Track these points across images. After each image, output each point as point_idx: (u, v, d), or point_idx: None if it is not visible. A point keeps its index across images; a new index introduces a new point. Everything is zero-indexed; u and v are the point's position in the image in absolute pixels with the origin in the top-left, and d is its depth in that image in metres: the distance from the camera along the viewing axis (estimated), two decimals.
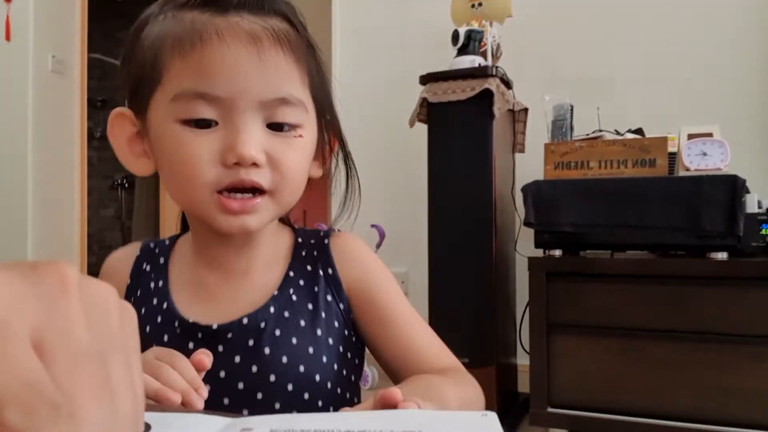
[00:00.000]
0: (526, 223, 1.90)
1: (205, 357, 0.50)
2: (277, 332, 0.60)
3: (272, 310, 0.62)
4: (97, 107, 5.47)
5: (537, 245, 1.93)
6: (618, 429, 1.75)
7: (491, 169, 1.99)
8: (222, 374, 0.59)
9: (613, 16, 2.41)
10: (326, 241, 0.67)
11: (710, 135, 1.81)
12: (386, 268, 0.68)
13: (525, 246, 2.14)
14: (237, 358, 0.60)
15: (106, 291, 0.25)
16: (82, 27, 3.38)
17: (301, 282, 0.64)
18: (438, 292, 2.05)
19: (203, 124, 0.55)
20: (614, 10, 2.41)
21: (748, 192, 1.75)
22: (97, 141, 5.54)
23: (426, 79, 2.09)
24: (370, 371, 2.46)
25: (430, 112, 2.07)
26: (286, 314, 0.62)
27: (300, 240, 0.68)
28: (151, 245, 0.71)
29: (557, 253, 1.89)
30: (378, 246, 2.47)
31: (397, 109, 2.47)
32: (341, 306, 0.64)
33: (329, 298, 0.64)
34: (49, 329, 0.20)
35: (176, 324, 0.61)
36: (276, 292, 0.63)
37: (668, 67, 2.32)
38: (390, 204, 2.66)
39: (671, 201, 1.73)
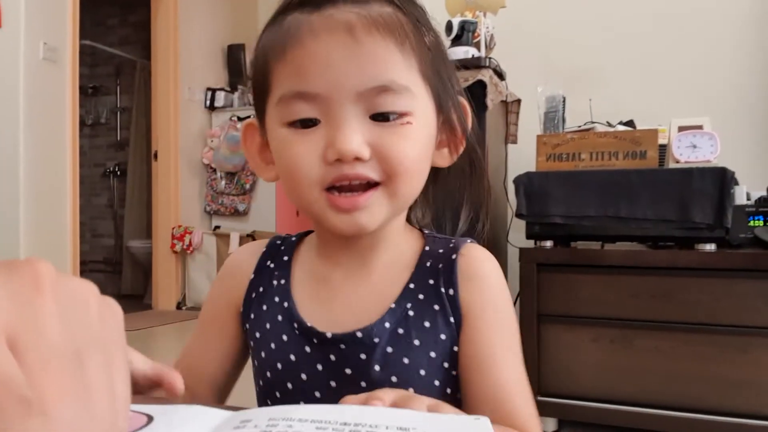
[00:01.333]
0: (518, 215, 1.92)
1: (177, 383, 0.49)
2: (389, 349, 0.57)
3: (387, 325, 0.58)
4: (89, 95, 5.44)
5: (528, 236, 1.94)
6: (606, 418, 1.78)
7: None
8: (333, 384, 0.58)
9: (606, 9, 2.42)
10: (454, 255, 0.61)
11: (700, 127, 1.82)
12: (507, 296, 0.61)
13: (516, 237, 2.15)
14: (348, 370, 0.58)
15: (85, 288, 0.24)
16: (74, 14, 3.35)
17: (421, 296, 0.59)
18: None
19: (306, 123, 0.54)
20: (607, 3, 2.42)
21: (737, 184, 1.77)
22: (89, 128, 5.51)
23: None
24: None
25: None
26: (401, 331, 0.58)
27: (428, 248, 0.63)
28: (278, 242, 0.69)
29: (548, 244, 1.91)
30: None
31: None
32: (453, 329, 0.59)
33: (451, 319, 0.58)
34: (22, 327, 0.19)
35: (295, 325, 0.60)
36: (393, 305, 0.59)
37: (660, 60, 2.33)
38: None
39: (661, 193, 1.74)
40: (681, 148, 1.80)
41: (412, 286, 0.60)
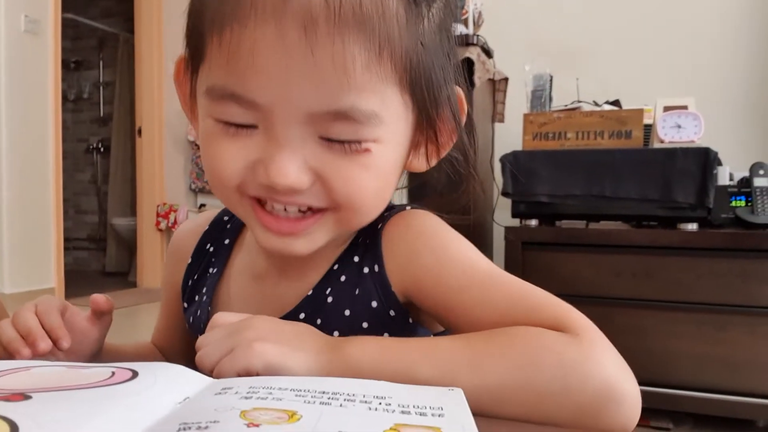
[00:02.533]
0: (504, 193, 1.93)
1: (101, 299, 0.47)
2: None
3: (302, 315, 0.51)
4: (71, 69, 5.34)
5: (514, 215, 1.95)
6: None
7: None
8: None
9: None
10: (380, 225, 0.51)
11: (685, 108, 1.84)
12: (451, 237, 0.51)
13: (502, 215, 2.17)
14: None
15: None
16: None
17: (343, 278, 0.51)
18: None
19: (240, 126, 0.43)
20: None
21: (720, 164, 1.79)
22: (72, 103, 5.42)
23: None
24: None
25: None
26: (318, 321, 0.50)
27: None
28: (225, 218, 0.60)
29: (533, 223, 1.92)
30: None
31: None
32: (391, 313, 0.49)
33: (374, 304, 0.49)
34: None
35: (201, 326, 0.53)
36: (310, 293, 0.51)
37: (647, 41, 2.34)
38: None
39: (645, 173, 1.76)
40: (666, 128, 1.81)
41: (336, 267, 0.52)
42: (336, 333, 0.49)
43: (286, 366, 0.38)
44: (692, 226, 1.75)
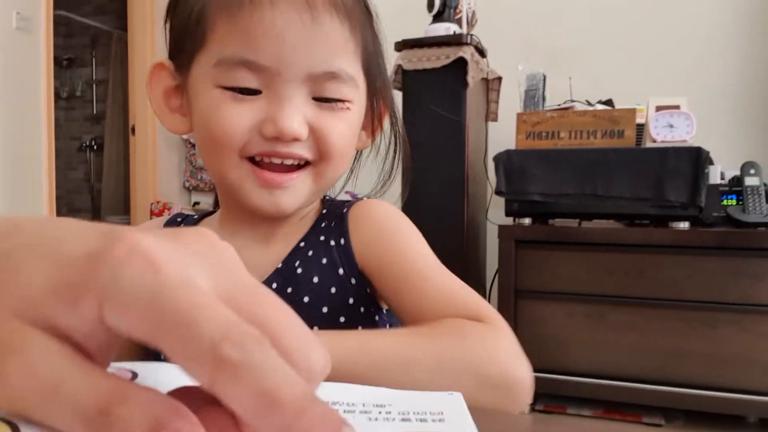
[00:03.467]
0: (497, 192, 1.94)
1: None
2: None
3: (275, 285, 0.57)
4: (63, 66, 5.31)
5: (507, 213, 1.96)
6: (581, 390, 1.83)
7: (464, 138, 2.00)
8: None
9: None
10: (345, 210, 0.61)
11: (677, 107, 1.85)
12: (409, 231, 0.59)
13: (496, 214, 2.17)
14: None
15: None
16: None
17: (310, 253, 0.58)
18: None
19: (246, 92, 0.51)
20: None
21: (711, 164, 1.80)
22: (64, 101, 5.39)
23: (401, 46, 2.08)
24: None
25: (404, 79, 2.07)
26: (289, 290, 0.57)
27: (325, 211, 0.62)
28: (178, 219, 0.67)
29: (527, 221, 1.93)
30: None
31: None
32: (353, 281, 0.57)
33: (341, 271, 0.57)
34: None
35: None
36: (280, 265, 0.58)
37: (639, 40, 2.34)
38: (364, 171, 2.66)
39: (637, 172, 1.77)
40: (658, 127, 1.82)
41: (302, 245, 0.59)
42: (306, 299, 0.56)
43: None
44: (684, 225, 1.76)
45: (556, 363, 1.85)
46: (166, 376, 0.35)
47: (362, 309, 0.58)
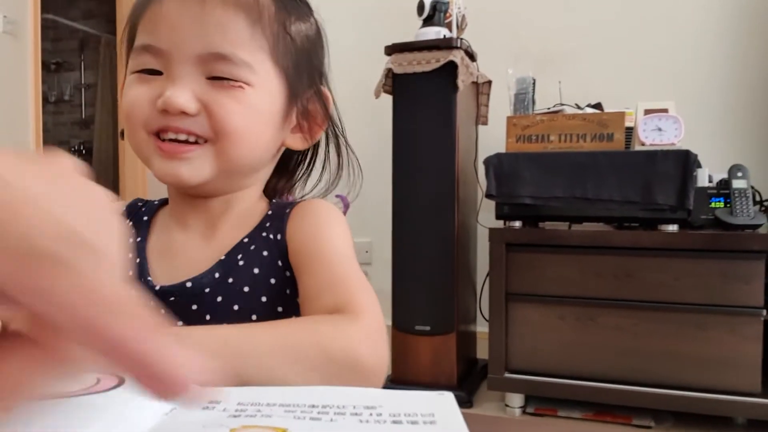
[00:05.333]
0: (488, 195, 1.94)
1: None
2: (219, 298, 0.59)
3: (217, 275, 0.60)
4: (52, 70, 5.27)
5: (498, 217, 1.97)
6: (571, 393, 1.83)
7: (454, 141, 2.01)
8: None
9: None
10: (288, 210, 0.64)
11: (666, 111, 1.86)
12: (336, 225, 0.62)
13: (486, 217, 2.18)
14: (180, 323, 0.58)
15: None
16: None
17: (252, 247, 0.62)
18: (401, 262, 2.08)
19: (149, 72, 0.57)
20: None
21: (699, 167, 1.81)
22: (52, 105, 5.35)
23: (391, 50, 2.08)
24: None
25: (395, 83, 2.07)
26: (230, 280, 0.60)
27: (270, 212, 0.65)
28: (139, 204, 0.71)
29: (517, 224, 1.94)
30: None
31: (363, 78, 2.46)
32: (287, 273, 0.60)
33: (279, 263, 0.61)
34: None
35: (142, 281, 0.61)
36: (223, 257, 0.61)
37: (628, 44, 2.36)
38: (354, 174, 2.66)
39: (627, 175, 1.78)
40: (647, 131, 1.84)
41: (245, 240, 0.62)
42: (246, 288, 0.59)
43: None
44: (673, 228, 1.77)
45: (546, 365, 1.86)
46: None
47: (298, 299, 0.60)
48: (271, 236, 0.62)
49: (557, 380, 1.84)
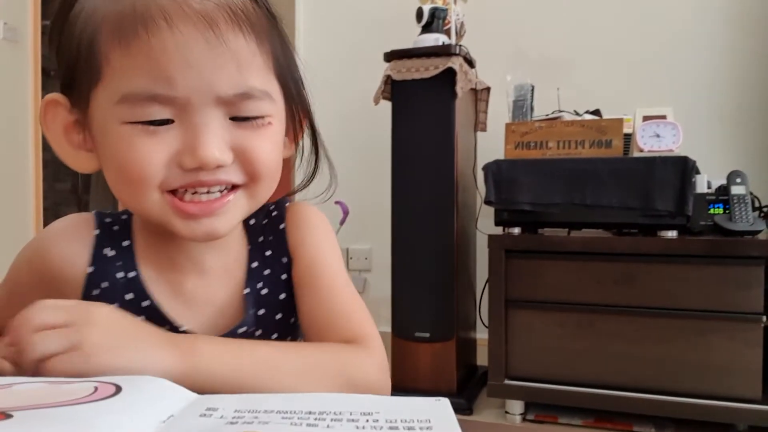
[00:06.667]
0: (487, 202, 1.94)
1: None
2: (258, 333, 0.58)
3: (251, 311, 0.57)
4: (52, 77, 5.28)
5: (497, 223, 1.97)
6: (571, 399, 1.83)
7: (453, 148, 2.01)
8: None
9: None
10: (282, 226, 0.61)
11: (664, 117, 1.87)
12: (328, 237, 0.63)
13: (485, 224, 2.18)
14: None
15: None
16: None
17: (266, 272, 0.60)
18: (400, 269, 2.08)
19: (157, 123, 0.48)
20: None
21: (698, 173, 1.82)
22: None
23: (390, 57, 2.09)
24: None
25: (394, 90, 2.08)
26: (261, 312, 0.58)
27: (252, 222, 0.62)
28: (107, 220, 0.59)
29: (516, 231, 1.94)
30: (342, 222, 2.49)
31: (362, 85, 2.47)
32: (291, 285, 0.61)
33: (285, 277, 0.61)
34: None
35: (167, 328, 0.52)
36: (247, 290, 0.58)
37: (626, 51, 2.37)
38: (354, 181, 2.67)
39: (625, 181, 1.78)
40: (645, 137, 1.84)
41: (254, 265, 0.60)
42: (278, 316, 0.59)
43: (140, 373, 0.39)
44: (672, 234, 1.77)
45: (546, 372, 1.85)
46: (150, 389, 0.35)
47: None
48: (284, 259, 0.60)
49: (557, 387, 1.83)
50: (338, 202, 2.50)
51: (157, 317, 0.54)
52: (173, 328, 0.55)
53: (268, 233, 0.61)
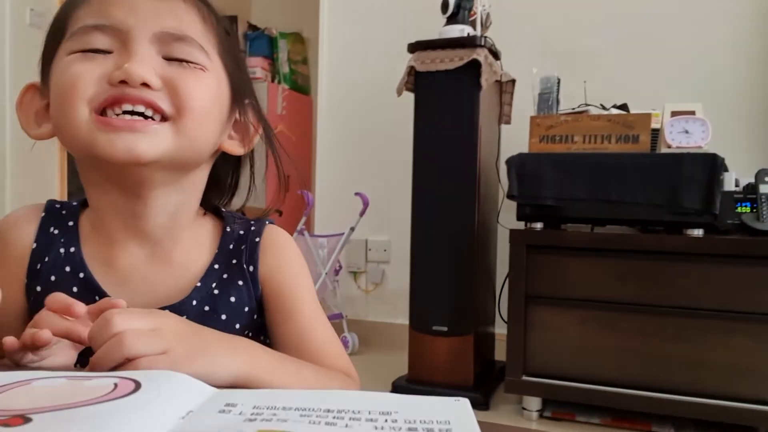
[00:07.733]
0: (509, 196, 1.92)
1: (78, 308, 0.48)
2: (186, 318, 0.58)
3: (194, 303, 0.61)
4: None
5: (519, 218, 1.95)
6: (589, 397, 1.81)
7: (476, 140, 1.99)
8: None
9: None
10: (257, 239, 0.65)
11: (693, 113, 1.83)
12: (304, 266, 0.67)
13: (507, 218, 2.16)
14: None
15: None
16: None
17: (225, 276, 0.63)
18: (420, 261, 2.07)
19: (98, 51, 0.54)
20: None
21: (726, 170, 1.78)
22: None
23: (414, 47, 2.07)
24: (351, 337, 2.49)
25: (417, 81, 2.06)
26: (207, 308, 0.61)
27: (228, 229, 0.66)
28: (57, 206, 0.65)
29: (538, 226, 1.92)
30: (362, 214, 2.48)
31: (386, 76, 2.46)
32: (256, 301, 0.64)
33: (252, 292, 0.63)
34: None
35: (96, 298, 0.55)
36: (199, 284, 0.61)
37: (656, 45, 2.32)
38: (375, 172, 2.66)
39: (652, 177, 1.75)
40: (673, 133, 1.80)
41: (216, 266, 0.63)
42: (223, 316, 0.62)
43: (212, 376, 0.41)
44: (698, 232, 1.74)
45: (565, 369, 1.84)
46: (169, 385, 0.35)
47: (263, 324, 0.65)
48: (244, 266, 0.63)
49: (576, 384, 1.82)
50: (358, 194, 2.50)
51: (91, 288, 0.59)
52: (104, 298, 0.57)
53: (241, 242, 0.65)
